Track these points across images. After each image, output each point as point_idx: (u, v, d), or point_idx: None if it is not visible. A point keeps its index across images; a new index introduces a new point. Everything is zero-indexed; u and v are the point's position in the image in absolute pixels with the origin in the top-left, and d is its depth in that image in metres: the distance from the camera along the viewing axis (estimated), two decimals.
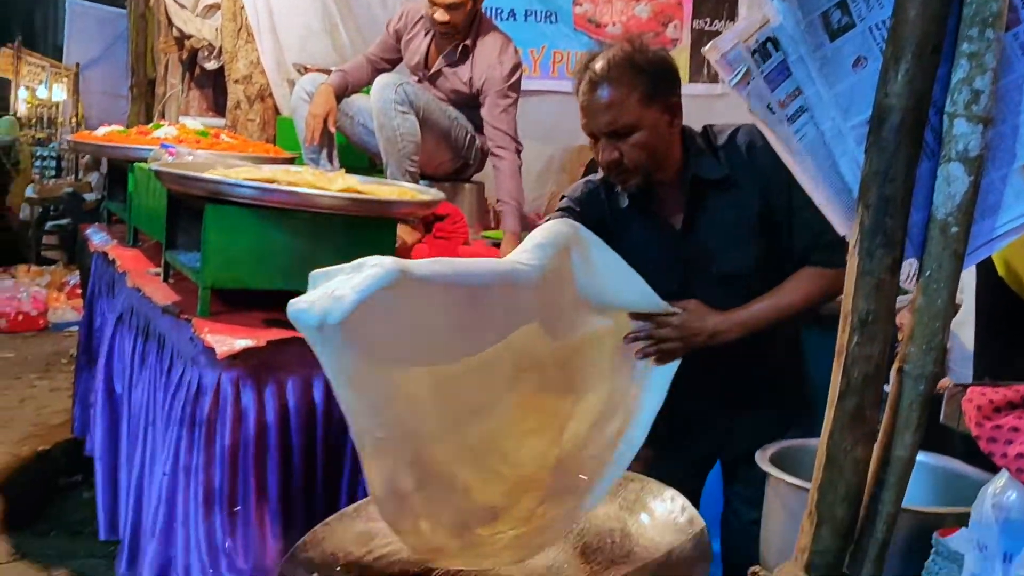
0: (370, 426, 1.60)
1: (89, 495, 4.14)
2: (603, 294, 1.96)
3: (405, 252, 3.43)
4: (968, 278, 2.44)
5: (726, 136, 2.22)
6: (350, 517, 2.28)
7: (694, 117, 2.28)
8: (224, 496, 2.53)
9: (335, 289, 1.50)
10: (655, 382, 2.05)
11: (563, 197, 2.40)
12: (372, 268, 1.50)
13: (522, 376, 1.80)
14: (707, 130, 2.26)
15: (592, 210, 2.29)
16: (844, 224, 1.39)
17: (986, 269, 2.39)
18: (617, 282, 1.99)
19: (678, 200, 2.24)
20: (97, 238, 4.15)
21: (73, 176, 11.25)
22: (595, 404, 1.97)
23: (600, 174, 2.31)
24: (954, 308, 1.29)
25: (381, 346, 1.57)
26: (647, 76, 2.10)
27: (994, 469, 1.43)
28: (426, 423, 1.69)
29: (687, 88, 2.34)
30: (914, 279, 1.30)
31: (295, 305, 1.50)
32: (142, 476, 3.01)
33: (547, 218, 2.22)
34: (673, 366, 2.07)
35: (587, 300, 1.92)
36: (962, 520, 1.44)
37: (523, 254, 1.76)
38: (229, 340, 2.49)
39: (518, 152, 4.10)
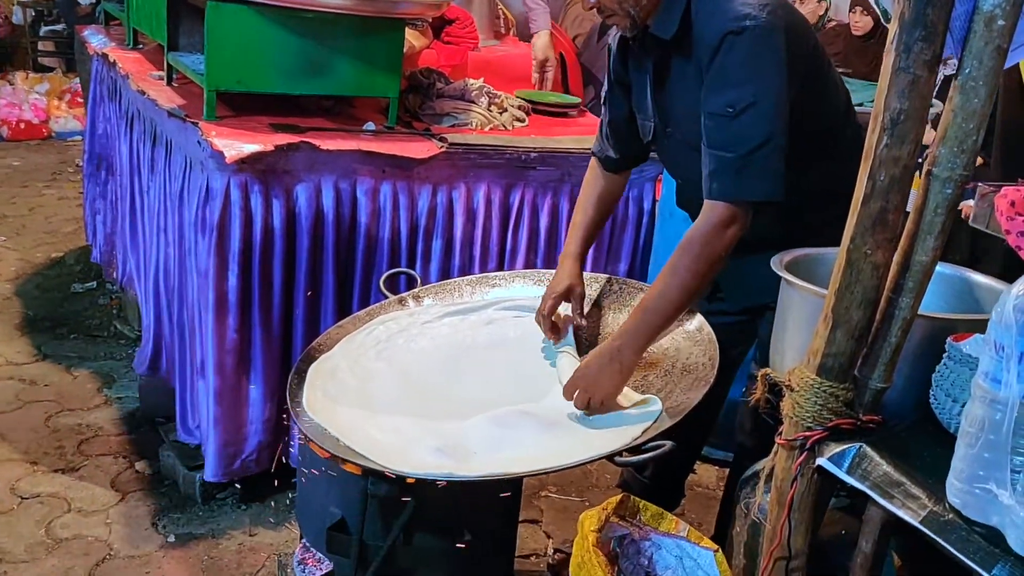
0: None
1: (104, 301, 4.22)
2: None
3: (413, 56, 3.32)
4: None
5: None
6: (361, 320, 2.32)
7: None
8: (236, 297, 2.56)
9: None
10: None
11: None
12: None
13: None
14: None
15: (619, 61, 2.15)
16: None
17: (1013, 81, 2.32)
18: None
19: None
20: (95, 40, 4.02)
21: None
22: None
23: None
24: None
25: None
26: None
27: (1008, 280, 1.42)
28: None
29: None
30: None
31: None
32: (158, 279, 3.05)
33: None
34: None
35: None
36: (974, 327, 1.44)
37: None
38: (237, 144, 2.45)
39: None
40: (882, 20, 5.47)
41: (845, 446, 1.33)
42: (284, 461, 2.78)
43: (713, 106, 1.83)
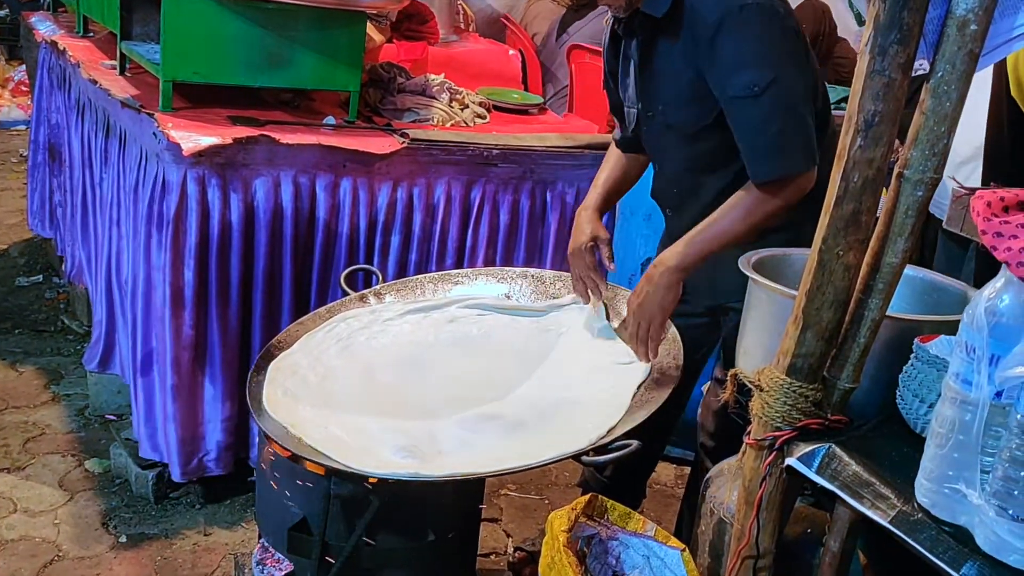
0: None
1: (51, 295, 4.11)
2: None
3: (373, 51, 3.28)
4: None
5: None
6: (322, 317, 2.29)
7: None
8: (192, 292, 2.51)
9: None
10: None
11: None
12: None
13: None
14: None
15: (610, 50, 2.17)
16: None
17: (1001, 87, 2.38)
18: None
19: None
20: (43, 27, 3.91)
21: None
22: None
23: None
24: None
25: None
26: None
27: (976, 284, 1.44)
28: None
29: None
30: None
31: None
32: (110, 274, 2.97)
33: None
34: None
35: None
36: (939, 328, 1.46)
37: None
38: (195, 137, 2.39)
39: None
40: (856, 23, 5.53)
41: (814, 446, 1.34)
42: (244, 458, 2.74)
43: (735, 89, 1.81)
